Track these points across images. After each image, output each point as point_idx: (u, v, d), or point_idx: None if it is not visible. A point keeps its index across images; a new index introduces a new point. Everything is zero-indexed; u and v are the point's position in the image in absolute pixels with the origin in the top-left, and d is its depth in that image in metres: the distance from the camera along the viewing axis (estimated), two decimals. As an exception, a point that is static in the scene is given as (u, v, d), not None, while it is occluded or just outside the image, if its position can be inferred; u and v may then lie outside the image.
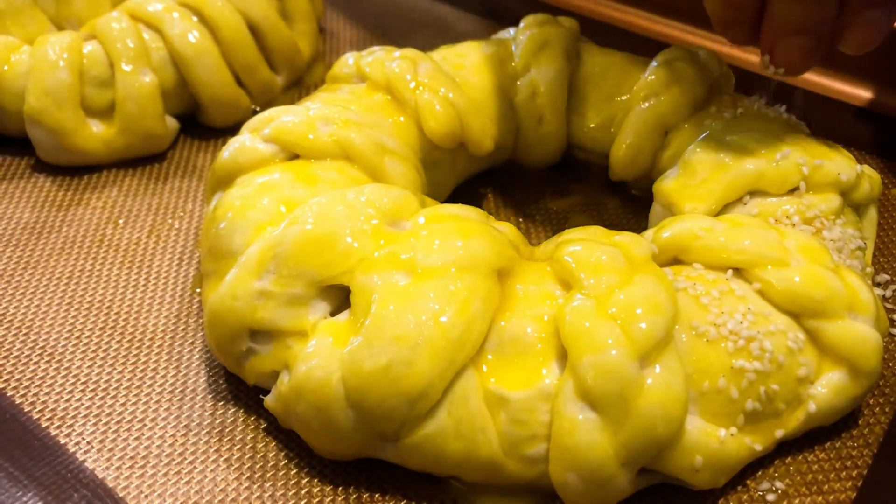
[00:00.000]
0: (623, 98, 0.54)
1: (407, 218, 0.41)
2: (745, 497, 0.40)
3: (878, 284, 0.50)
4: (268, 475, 0.41)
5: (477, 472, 0.38)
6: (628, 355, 0.35)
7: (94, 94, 0.58)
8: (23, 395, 0.44)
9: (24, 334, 0.47)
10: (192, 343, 0.47)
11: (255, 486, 0.40)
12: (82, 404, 0.43)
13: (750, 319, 0.38)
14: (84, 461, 0.41)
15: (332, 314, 0.40)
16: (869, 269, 0.45)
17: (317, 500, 0.40)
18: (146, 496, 0.39)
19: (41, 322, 0.48)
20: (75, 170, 0.59)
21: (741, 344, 0.37)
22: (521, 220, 0.56)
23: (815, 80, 0.66)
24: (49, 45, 0.57)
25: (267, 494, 0.40)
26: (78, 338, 0.47)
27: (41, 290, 0.50)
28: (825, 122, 0.60)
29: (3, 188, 0.58)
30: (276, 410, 0.40)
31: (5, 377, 0.45)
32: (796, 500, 0.39)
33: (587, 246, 0.39)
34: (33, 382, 0.45)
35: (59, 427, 0.42)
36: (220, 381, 0.45)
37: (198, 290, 0.50)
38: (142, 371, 0.45)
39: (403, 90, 0.50)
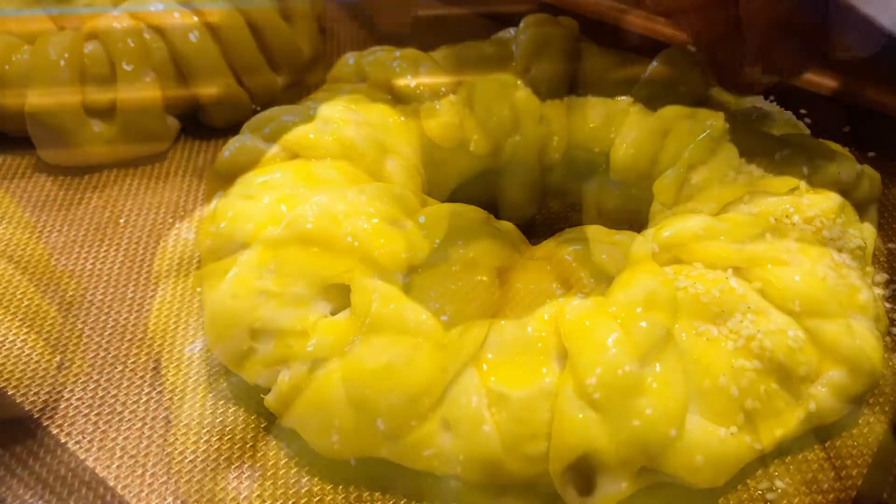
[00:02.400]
0: (623, 98, 0.54)
1: (407, 217, 0.41)
2: (744, 496, 0.40)
3: (877, 284, 0.50)
4: (268, 474, 0.41)
5: (477, 472, 0.38)
6: (628, 354, 0.35)
7: (95, 94, 0.58)
8: (23, 394, 0.44)
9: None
10: (193, 342, 0.47)
11: (255, 486, 0.40)
12: (83, 402, 0.44)
13: (750, 318, 0.38)
14: (84, 459, 0.41)
15: (333, 313, 0.40)
16: (869, 269, 0.45)
17: (317, 499, 0.40)
18: (146, 494, 0.39)
19: (42, 321, 0.48)
20: (76, 169, 0.59)
21: (741, 343, 0.38)
22: (521, 219, 0.56)
23: (815, 78, 0.66)
24: (50, 44, 0.57)
25: (267, 493, 0.40)
26: (79, 337, 0.47)
27: (42, 289, 0.50)
28: (825, 121, 0.60)
29: (4, 187, 0.58)
30: (277, 409, 0.40)
31: (6, 375, 0.45)
32: (796, 500, 0.39)
33: (587, 245, 0.39)
34: (34, 381, 0.45)
35: (59, 425, 0.42)
36: (221, 380, 0.45)
37: (198, 290, 0.50)
38: (142, 370, 0.45)
39: (404, 90, 0.50)
